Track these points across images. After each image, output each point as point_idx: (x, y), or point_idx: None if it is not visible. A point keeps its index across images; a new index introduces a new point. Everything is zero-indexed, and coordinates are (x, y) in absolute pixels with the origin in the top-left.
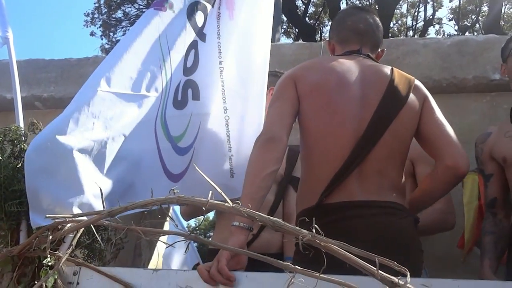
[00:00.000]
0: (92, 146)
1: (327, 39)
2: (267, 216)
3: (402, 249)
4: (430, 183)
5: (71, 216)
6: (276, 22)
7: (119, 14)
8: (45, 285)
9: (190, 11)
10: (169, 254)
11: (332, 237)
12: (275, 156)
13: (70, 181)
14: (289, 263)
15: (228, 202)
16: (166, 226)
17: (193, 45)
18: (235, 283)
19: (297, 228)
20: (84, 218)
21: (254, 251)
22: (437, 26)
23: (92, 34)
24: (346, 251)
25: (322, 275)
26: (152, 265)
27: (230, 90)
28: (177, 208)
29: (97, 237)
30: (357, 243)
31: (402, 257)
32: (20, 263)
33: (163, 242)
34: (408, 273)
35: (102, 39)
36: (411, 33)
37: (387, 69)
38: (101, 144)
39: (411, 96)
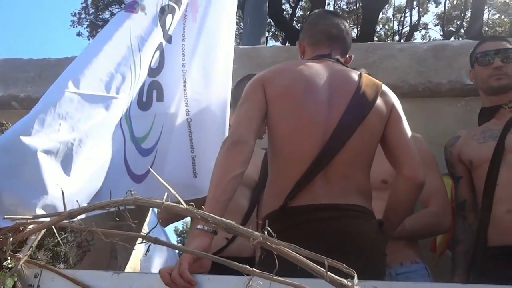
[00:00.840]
0: (58, 148)
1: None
2: (219, 218)
3: (364, 251)
4: (392, 195)
5: (31, 217)
6: (262, 26)
7: (106, 14)
8: (3, 287)
9: (161, 14)
10: (149, 257)
11: (295, 239)
12: (241, 159)
13: (33, 182)
14: (246, 266)
15: (182, 204)
16: (146, 229)
17: (159, 47)
18: (196, 286)
19: (249, 230)
20: (46, 219)
21: (228, 255)
22: (423, 31)
23: (79, 34)
24: (298, 253)
25: (275, 277)
26: (129, 267)
27: (193, 92)
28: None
29: (59, 239)
30: (320, 245)
31: (364, 260)
32: None
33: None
34: (356, 275)
35: (89, 39)
36: (397, 37)
37: (355, 74)
38: (67, 146)
39: (378, 101)
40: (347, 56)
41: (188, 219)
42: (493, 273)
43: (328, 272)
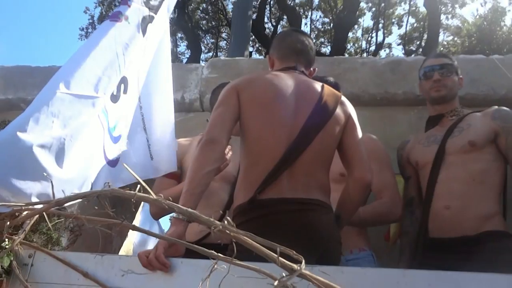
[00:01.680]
0: (51, 142)
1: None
2: (184, 208)
3: (322, 241)
4: (343, 195)
5: (24, 204)
6: (245, 41)
7: None
8: (1, 265)
9: (142, 22)
10: (144, 242)
11: (262, 228)
12: (213, 157)
13: (29, 174)
14: (212, 251)
15: (152, 195)
16: (138, 218)
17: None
18: (170, 268)
19: (211, 219)
20: (38, 206)
21: (211, 241)
22: (387, 50)
23: None
24: (253, 241)
25: (235, 261)
26: (122, 251)
27: (145, 87)
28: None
29: (49, 225)
30: (284, 234)
31: (322, 249)
32: None
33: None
34: (303, 260)
35: None
36: (365, 54)
37: (318, 85)
38: (59, 141)
39: (338, 110)
40: (311, 69)
41: None
42: (432, 261)
43: (280, 258)
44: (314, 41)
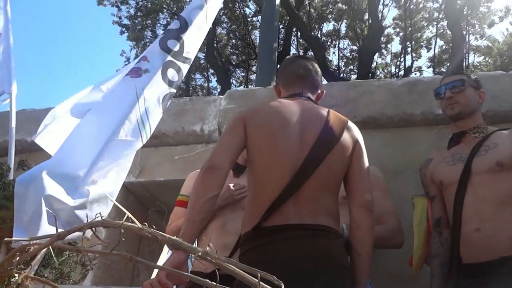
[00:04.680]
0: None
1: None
2: (168, 235)
3: (327, 266)
4: (351, 227)
5: (29, 238)
6: (270, 73)
7: None
8: None
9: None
10: None
11: (265, 256)
12: (214, 183)
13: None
14: (207, 280)
15: (138, 225)
16: (165, 248)
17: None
18: None
19: (193, 246)
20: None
21: (224, 272)
22: (417, 74)
23: None
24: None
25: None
26: None
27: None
28: None
29: (55, 259)
30: (287, 260)
31: (327, 273)
32: None
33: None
34: (283, 285)
35: None
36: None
37: (324, 111)
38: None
39: (344, 135)
40: (319, 91)
41: None
42: (469, 287)
43: (261, 283)
44: (343, 69)
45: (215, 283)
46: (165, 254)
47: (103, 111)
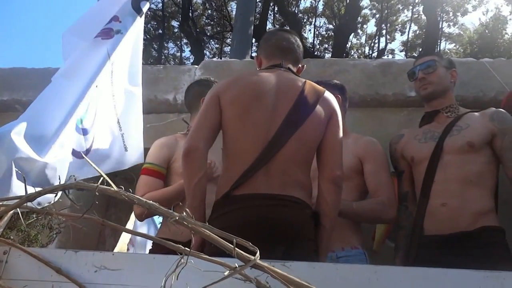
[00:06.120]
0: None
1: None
2: (144, 200)
3: (288, 237)
4: (318, 198)
5: None
6: (246, 46)
7: None
8: None
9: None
10: (143, 242)
11: (233, 222)
12: (196, 166)
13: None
14: (180, 245)
15: (113, 187)
16: (133, 218)
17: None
18: (144, 264)
19: (170, 211)
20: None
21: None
22: (390, 56)
23: None
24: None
25: (201, 255)
26: (117, 250)
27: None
28: None
29: (23, 221)
30: (250, 227)
31: (287, 244)
32: None
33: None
34: (258, 252)
35: None
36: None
37: (300, 82)
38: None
39: (318, 107)
40: (300, 65)
41: None
42: (425, 258)
43: (236, 249)
44: (318, 47)
45: (188, 249)
46: (132, 222)
47: (73, 74)
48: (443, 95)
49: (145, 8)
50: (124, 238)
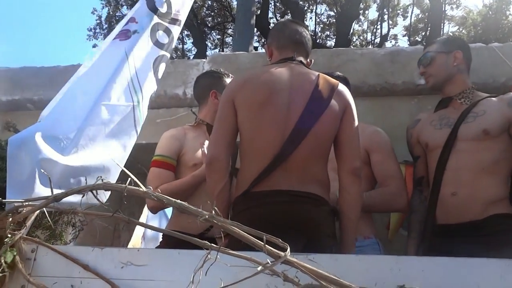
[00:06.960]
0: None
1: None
2: (173, 199)
3: (307, 233)
4: (339, 189)
5: (23, 200)
6: (248, 37)
7: None
8: (4, 260)
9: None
10: (155, 236)
11: (253, 218)
12: (217, 177)
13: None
14: (206, 241)
15: (142, 188)
16: (145, 212)
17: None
18: (169, 259)
19: (199, 210)
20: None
21: (211, 235)
22: (393, 41)
23: (94, 46)
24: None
25: (227, 250)
26: (131, 245)
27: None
28: None
29: (49, 220)
30: (270, 224)
31: (306, 239)
32: None
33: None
34: (288, 248)
35: None
36: (371, 46)
37: (313, 75)
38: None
39: (333, 101)
40: (308, 60)
41: None
42: (438, 247)
43: (266, 246)
44: (319, 35)
45: (206, 242)
46: (145, 216)
47: (93, 75)
48: (448, 82)
49: (163, 8)
50: (138, 231)
